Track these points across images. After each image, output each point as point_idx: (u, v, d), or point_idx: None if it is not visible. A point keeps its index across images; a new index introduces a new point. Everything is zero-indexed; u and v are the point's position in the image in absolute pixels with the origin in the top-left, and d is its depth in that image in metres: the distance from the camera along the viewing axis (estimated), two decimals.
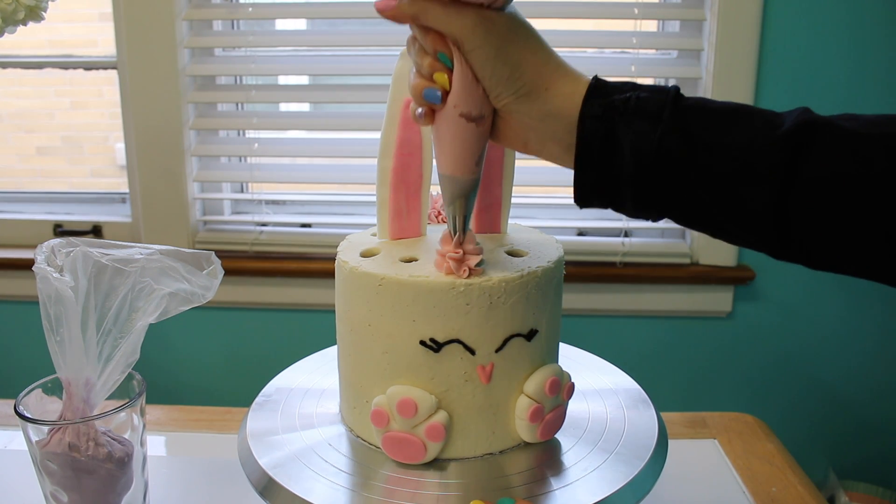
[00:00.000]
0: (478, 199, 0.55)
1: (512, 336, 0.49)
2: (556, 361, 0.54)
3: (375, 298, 0.48)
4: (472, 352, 0.48)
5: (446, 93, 0.44)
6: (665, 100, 0.42)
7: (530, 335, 0.50)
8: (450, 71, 0.44)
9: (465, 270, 0.47)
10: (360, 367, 0.51)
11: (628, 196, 0.43)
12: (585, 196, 0.45)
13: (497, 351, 0.48)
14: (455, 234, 0.48)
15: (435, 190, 0.59)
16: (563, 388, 0.52)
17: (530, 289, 0.49)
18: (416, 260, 0.50)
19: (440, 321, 0.47)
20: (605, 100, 0.42)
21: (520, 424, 0.50)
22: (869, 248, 0.39)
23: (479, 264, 0.48)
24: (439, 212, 0.61)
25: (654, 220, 0.45)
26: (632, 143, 0.41)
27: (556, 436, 0.53)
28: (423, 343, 0.48)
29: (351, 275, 0.50)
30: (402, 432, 0.48)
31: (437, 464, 0.50)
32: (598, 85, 0.43)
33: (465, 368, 0.48)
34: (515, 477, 0.49)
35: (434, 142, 0.47)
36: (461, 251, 0.47)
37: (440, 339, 0.48)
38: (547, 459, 0.51)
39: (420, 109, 0.45)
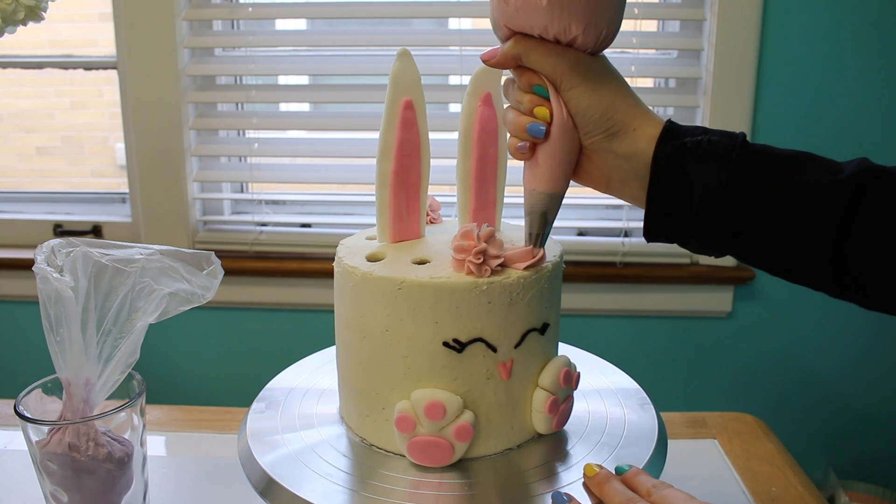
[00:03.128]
0: (474, 197, 0.56)
1: (529, 330, 0.50)
2: (558, 354, 0.54)
3: (394, 303, 0.48)
4: (494, 349, 0.48)
5: (549, 125, 0.47)
6: (733, 144, 0.45)
7: (544, 328, 0.51)
8: (548, 102, 0.47)
9: (486, 270, 0.48)
10: (376, 374, 0.51)
11: (694, 233, 0.46)
12: (654, 230, 0.48)
13: (516, 346, 0.49)
14: (534, 245, 0.50)
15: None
16: (573, 378, 0.53)
17: (543, 283, 0.50)
18: (428, 261, 0.50)
19: (463, 321, 0.48)
20: (677, 141, 0.45)
21: (537, 417, 0.51)
22: None
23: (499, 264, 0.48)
24: (429, 212, 0.61)
25: (718, 256, 0.48)
26: (701, 183, 0.44)
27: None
28: (446, 344, 0.48)
29: (364, 280, 0.49)
30: (430, 436, 0.48)
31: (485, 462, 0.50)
32: (671, 127, 0.46)
33: (487, 366, 0.49)
34: (529, 473, 0.49)
35: (530, 163, 0.49)
36: (483, 253, 0.48)
37: (463, 339, 0.48)
38: (558, 452, 0.51)
39: (521, 143, 0.48)
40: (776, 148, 0.45)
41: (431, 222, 0.60)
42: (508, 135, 0.49)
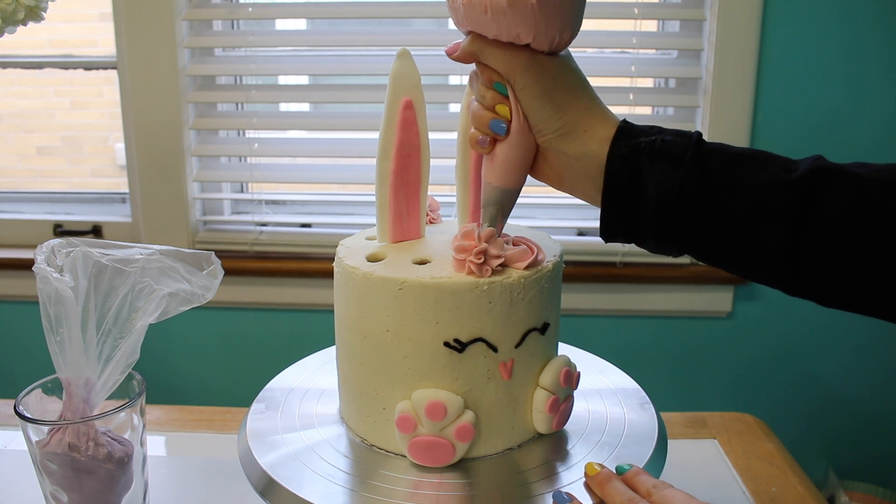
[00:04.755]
0: (473, 197, 0.56)
1: (530, 330, 0.50)
2: (558, 354, 0.54)
3: (395, 303, 0.48)
4: (495, 349, 0.48)
5: (510, 123, 0.48)
6: (688, 143, 0.45)
7: (544, 328, 0.51)
8: (506, 98, 0.48)
9: (487, 270, 0.48)
10: (377, 375, 0.51)
11: (651, 232, 0.46)
12: (611, 230, 0.48)
13: (517, 346, 0.49)
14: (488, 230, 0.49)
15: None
16: (573, 378, 0.53)
17: (544, 283, 0.50)
18: (429, 261, 0.50)
19: (464, 321, 0.48)
20: (632, 142, 0.46)
21: (537, 417, 0.51)
22: (873, 287, 0.42)
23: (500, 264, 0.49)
24: (427, 212, 0.61)
25: (675, 255, 0.48)
26: (656, 183, 0.44)
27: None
28: (447, 344, 0.48)
29: (365, 281, 0.49)
30: (431, 436, 0.48)
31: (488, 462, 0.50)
32: (626, 128, 0.46)
33: (487, 366, 0.49)
34: (529, 473, 0.49)
35: (488, 156, 0.50)
36: (484, 253, 0.48)
37: (464, 339, 0.48)
38: (558, 452, 0.51)
39: (482, 137, 0.49)
40: (732, 146, 0.45)
41: (431, 222, 0.60)
42: (472, 127, 0.50)
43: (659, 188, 0.44)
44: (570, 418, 0.54)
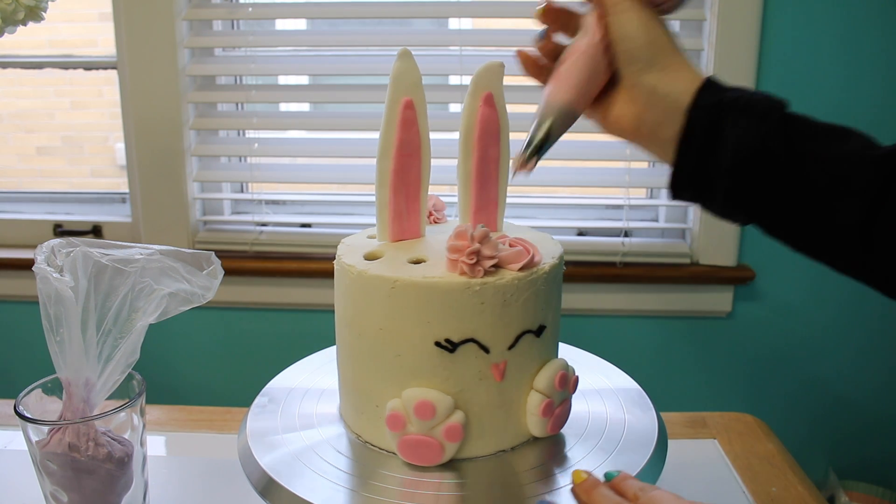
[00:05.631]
0: (474, 197, 0.55)
1: (524, 332, 0.49)
2: (557, 356, 0.54)
3: (388, 301, 0.48)
4: (487, 350, 0.48)
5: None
6: (773, 104, 0.44)
7: (539, 331, 0.50)
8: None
9: (479, 271, 0.47)
10: (370, 372, 0.51)
11: (721, 190, 0.44)
12: (680, 185, 0.46)
13: (510, 348, 0.49)
14: (530, 156, 0.48)
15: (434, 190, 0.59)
16: (570, 382, 0.52)
17: (539, 285, 0.49)
18: (424, 261, 0.50)
19: (455, 321, 0.47)
20: (717, 94, 0.44)
21: (531, 420, 0.51)
22: None
23: (493, 265, 0.48)
24: (431, 212, 0.61)
25: (742, 223, 0.46)
26: (735, 137, 0.43)
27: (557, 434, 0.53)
28: (438, 344, 0.48)
29: (359, 279, 0.49)
30: (420, 435, 0.48)
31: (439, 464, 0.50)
32: (713, 81, 0.45)
33: (479, 367, 0.48)
34: (524, 475, 0.49)
35: (553, 74, 0.48)
36: (476, 254, 0.47)
37: (455, 339, 0.48)
38: (555, 454, 0.51)
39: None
40: (817, 119, 0.44)
41: (436, 222, 0.60)
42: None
43: (738, 143, 0.43)
44: (569, 419, 0.54)
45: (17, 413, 0.50)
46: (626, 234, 1.31)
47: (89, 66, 1.39)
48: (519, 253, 0.49)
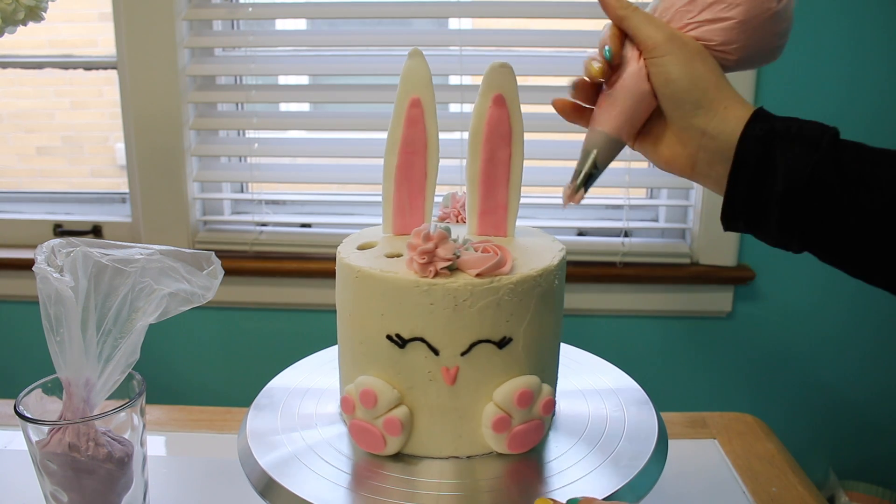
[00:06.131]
0: (481, 201, 0.55)
1: (480, 341, 0.48)
2: (542, 373, 0.51)
3: (353, 290, 0.50)
4: (436, 352, 0.48)
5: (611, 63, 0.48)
6: (825, 131, 0.44)
7: (502, 343, 0.49)
8: (608, 63, 0.48)
9: (431, 271, 0.47)
10: (343, 356, 0.54)
11: (774, 218, 0.44)
12: (733, 214, 0.46)
13: (463, 354, 0.48)
14: (579, 187, 0.49)
15: (460, 190, 0.60)
16: (537, 402, 0.50)
17: (502, 295, 0.48)
18: (400, 255, 0.51)
19: (405, 318, 0.48)
20: (767, 124, 0.45)
21: (485, 433, 0.50)
22: None
23: (450, 267, 0.47)
24: (459, 212, 0.61)
25: (796, 250, 0.46)
26: (787, 166, 0.43)
27: (551, 438, 0.53)
28: (389, 337, 0.49)
29: (340, 265, 0.52)
30: (364, 421, 0.50)
31: (440, 465, 0.50)
32: (763, 112, 0.46)
33: (429, 367, 0.49)
34: (528, 474, 0.49)
35: (598, 103, 0.50)
36: (428, 253, 0.47)
37: (405, 335, 0.48)
38: (528, 468, 0.50)
39: (597, 62, 0.49)
40: (868, 145, 0.44)
41: (462, 221, 0.60)
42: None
43: (789, 171, 0.43)
44: (569, 420, 0.54)
45: (17, 413, 0.50)
46: (626, 234, 1.31)
47: (89, 66, 1.39)
48: (484, 258, 0.47)
